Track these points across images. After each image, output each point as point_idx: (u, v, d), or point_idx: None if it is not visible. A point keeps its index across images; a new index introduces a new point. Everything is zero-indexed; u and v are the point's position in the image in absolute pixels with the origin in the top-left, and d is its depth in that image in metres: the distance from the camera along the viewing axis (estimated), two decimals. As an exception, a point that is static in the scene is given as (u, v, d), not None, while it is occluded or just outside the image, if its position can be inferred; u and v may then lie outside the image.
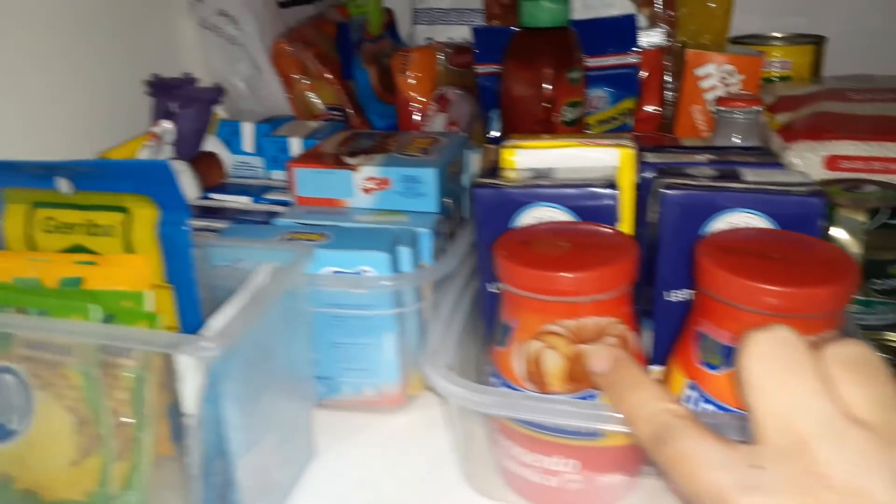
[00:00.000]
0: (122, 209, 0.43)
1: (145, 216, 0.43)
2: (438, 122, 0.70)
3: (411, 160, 0.53)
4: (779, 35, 0.80)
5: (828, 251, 0.36)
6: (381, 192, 0.53)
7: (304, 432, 0.45)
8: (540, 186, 0.43)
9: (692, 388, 0.37)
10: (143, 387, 0.39)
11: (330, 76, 0.72)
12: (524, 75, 0.58)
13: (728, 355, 0.35)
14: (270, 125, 0.63)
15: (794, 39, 0.79)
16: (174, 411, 0.42)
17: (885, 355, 0.48)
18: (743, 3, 0.80)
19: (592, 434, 0.38)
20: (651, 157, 0.48)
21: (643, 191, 0.45)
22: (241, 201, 0.58)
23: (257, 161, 0.63)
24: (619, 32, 0.67)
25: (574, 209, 0.43)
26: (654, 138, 0.62)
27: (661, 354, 0.43)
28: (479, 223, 0.44)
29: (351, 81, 0.74)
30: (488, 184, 0.44)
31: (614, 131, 0.69)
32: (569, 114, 0.59)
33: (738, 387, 0.28)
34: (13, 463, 0.41)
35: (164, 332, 0.37)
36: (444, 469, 0.44)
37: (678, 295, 0.43)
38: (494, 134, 0.67)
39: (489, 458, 0.43)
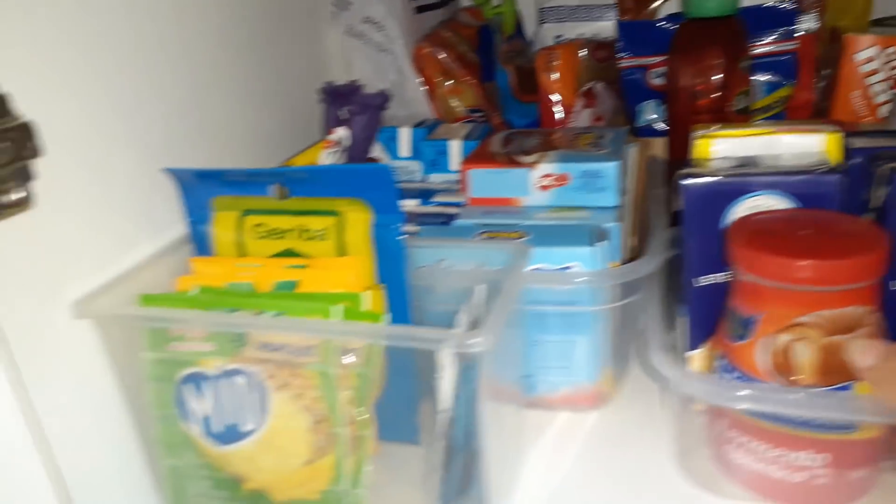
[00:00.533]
0: (333, 213, 0.44)
1: (358, 219, 0.43)
2: (584, 118, 0.69)
3: (589, 155, 0.53)
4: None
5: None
6: (559, 189, 0.52)
7: (519, 430, 0.45)
8: (755, 174, 0.42)
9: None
10: (367, 384, 0.40)
11: (470, 78, 0.72)
12: (694, 66, 0.57)
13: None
14: (427, 129, 0.64)
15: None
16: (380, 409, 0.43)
17: None
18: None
19: (846, 427, 0.36)
20: (858, 143, 0.46)
21: (853, 176, 0.44)
22: (410, 205, 0.58)
23: (415, 165, 0.63)
24: (777, 19, 0.65)
25: (795, 196, 0.42)
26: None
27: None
28: (689, 216, 0.43)
29: (489, 83, 0.74)
30: (696, 174, 0.43)
31: (769, 120, 0.67)
32: (741, 103, 0.57)
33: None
34: (245, 463, 0.41)
35: (426, 329, 0.36)
36: (658, 465, 0.43)
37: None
38: (653, 124, 0.66)
39: (708, 453, 0.42)
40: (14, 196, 0.33)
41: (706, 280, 0.44)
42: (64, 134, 0.38)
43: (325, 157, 0.53)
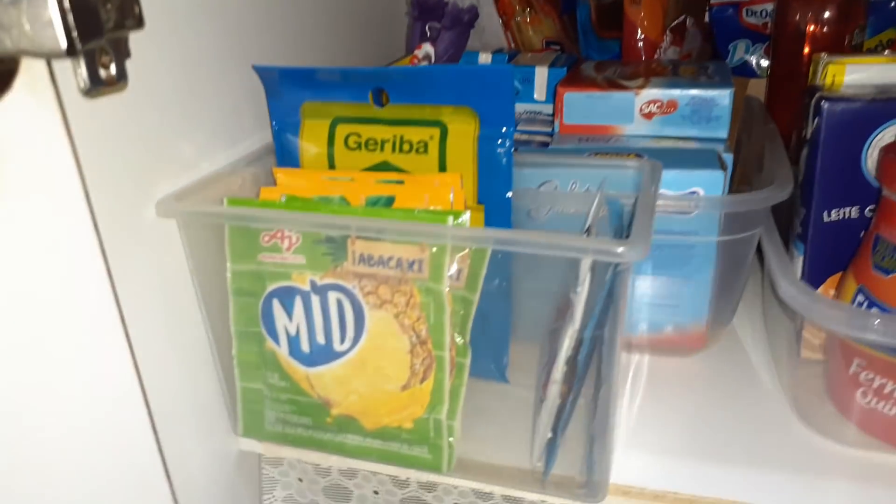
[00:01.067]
0: (437, 123, 0.40)
1: (464, 131, 0.40)
2: (670, 56, 0.65)
3: (699, 83, 0.49)
4: None
5: None
6: (665, 117, 0.48)
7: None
8: (907, 99, 0.38)
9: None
10: (469, 308, 0.37)
11: (549, 9, 0.68)
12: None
13: None
14: (508, 55, 0.60)
15: None
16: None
17: None
18: None
19: None
20: None
21: None
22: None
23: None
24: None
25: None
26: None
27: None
28: (826, 142, 0.40)
29: (568, 16, 0.70)
30: (838, 97, 0.39)
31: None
32: (858, 38, 0.53)
33: None
34: (335, 386, 0.38)
35: (566, 234, 0.33)
36: (773, 411, 0.40)
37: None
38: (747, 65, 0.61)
39: (820, 392, 0.39)
40: (112, 71, 0.30)
41: (836, 214, 0.41)
42: (152, 20, 0.35)
43: (412, 74, 0.49)
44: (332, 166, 0.42)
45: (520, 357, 0.41)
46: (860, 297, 0.36)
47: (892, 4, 0.62)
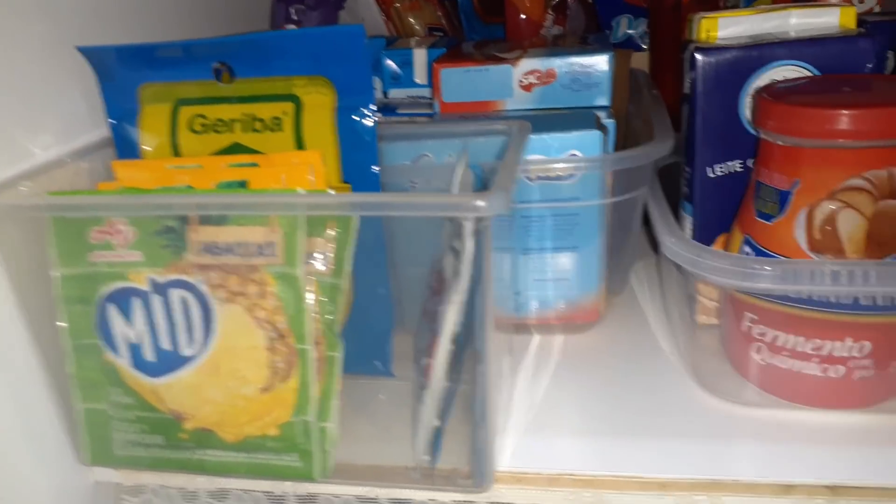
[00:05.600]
0: (290, 97, 0.36)
1: (320, 103, 0.36)
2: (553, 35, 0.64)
3: (577, 49, 0.47)
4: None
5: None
6: (544, 88, 0.46)
7: (506, 350, 0.39)
8: (777, 44, 0.37)
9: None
10: (337, 294, 0.33)
11: (429, -5, 0.65)
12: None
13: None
14: (387, 39, 0.57)
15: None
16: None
17: None
18: None
19: (891, 308, 0.31)
20: (872, 18, 0.42)
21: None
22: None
23: (374, 81, 0.56)
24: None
25: (822, 67, 0.37)
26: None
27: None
28: (702, 93, 0.38)
29: (451, 2, 0.68)
30: (711, 48, 0.38)
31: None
32: (730, 2, 0.52)
33: None
34: (186, 396, 0.34)
35: (435, 194, 0.30)
36: (672, 377, 0.38)
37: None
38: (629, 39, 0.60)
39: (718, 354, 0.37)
40: None
41: (720, 170, 0.39)
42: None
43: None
44: (177, 154, 0.38)
45: (407, 347, 0.38)
46: (746, 248, 0.34)
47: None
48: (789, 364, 0.34)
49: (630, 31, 0.64)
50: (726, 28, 0.41)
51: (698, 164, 0.39)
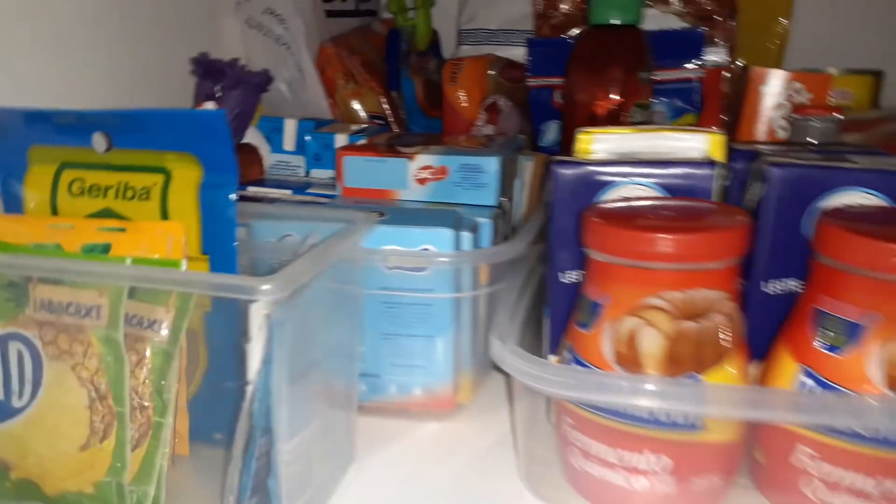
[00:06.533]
0: (161, 170, 0.39)
1: (187, 177, 0.38)
2: (486, 134, 0.66)
3: (470, 150, 0.49)
4: (834, 70, 0.78)
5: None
6: (437, 183, 0.48)
7: (347, 432, 0.39)
8: (629, 163, 0.39)
9: (807, 374, 0.32)
10: (171, 362, 0.34)
11: (374, 84, 0.69)
12: (592, 75, 0.54)
13: (854, 334, 0.30)
14: (315, 123, 0.60)
15: (854, 72, 0.76)
16: (198, 402, 0.38)
17: None
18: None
19: (692, 426, 0.32)
20: (741, 147, 0.44)
21: (735, 179, 0.41)
22: (280, 194, 0.54)
23: (298, 160, 0.59)
24: (684, 46, 0.64)
25: (668, 188, 0.38)
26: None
27: (757, 352, 0.37)
28: (557, 203, 0.40)
29: (395, 92, 0.71)
30: (569, 161, 0.40)
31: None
32: (638, 115, 0.55)
33: None
34: (13, 447, 0.35)
35: (218, 276, 0.32)
36: (500, 476, 0.38)
37: (778, 286, 0.38)
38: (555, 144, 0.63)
39: (555, 460, 0.37)
40: None
41: (570, 276, 0.40)
42: None
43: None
44: (55, 213, 0.40)
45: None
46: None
47: (693, 94, 0.65)
48: (600, 472, 0.34)
49: (557, 137, 0.66)
50: (598, 143, 0.44)
51: (551, 268, 0.40)
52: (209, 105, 0.51)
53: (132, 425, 0.34)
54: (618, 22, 0.54)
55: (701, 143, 0.42)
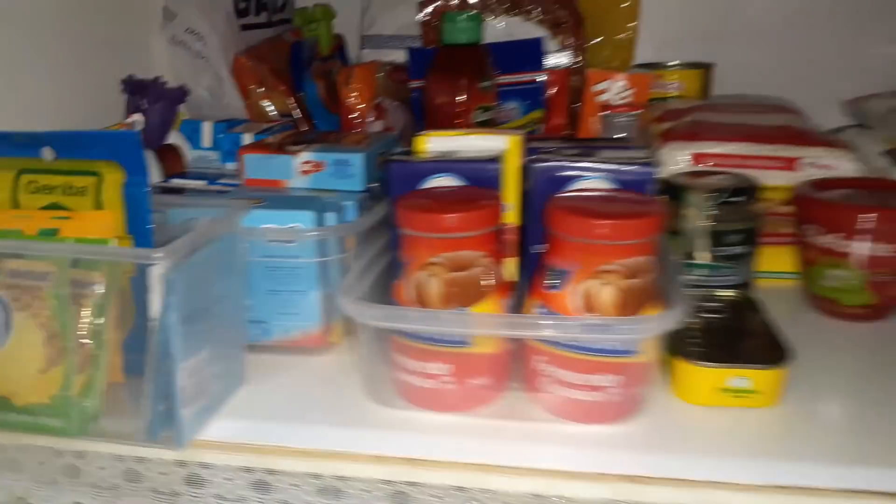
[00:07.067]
0: (94, 173, 0.53)
1: (114, 179, 0.52)
2: (376, 129, 0.81)
3: (343, 147, 0.64)
4: (675, 62, 0.93)
5: (644, 200, 0.47)
6: (317, 174, 0.63)
7: (238, 360, 0.54)
8: (439, 161, 0.54)
9: (539, 306, 0.48)
10: (104, 312, 0.49)
11: (282, 88, 0.83)
12: (444, 84, 0.69)
13: (563, 277, 0.46)
14: (227, 124, 0.73)
15: (687, 65, 0.92)
16: (129, 344, 0.52)
17: (717, 308, 0.59)
18: (650, 35, 0.94)
19: (462, 342, 0.47)
20: (536, 144, 0.59)
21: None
22: (198, 184, 0.68)
23: (214, 155, 0.73)
24: (528, 54, 0.78)
25: (466, 178, 0.53)
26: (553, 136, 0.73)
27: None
28: (393, 190, 0.54)
29: (301, 94, 0.85)
30: (400, 159, 0.55)
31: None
32: (480, 116, 0.70)
33: None
34: (-6, 373, 0.49)
35: (129, 248, 0.46)
36: (352, 390, 0.53)
37: (539, 248, 0.54)
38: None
39: (386, 376, 0.52)
40: None
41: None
42: None
43: (115, 137, 0.62)
44: (16, 206, 0.54)
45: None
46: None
47: (539, 94, 0.80)
48: (410, 379, 0.49)
49: (432, 129, 0.81)
50: (430, 143, 0.58)
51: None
52: (137, 116, 0.64)
53: (76, 357, 0.48)
54: (463, 41, 0.68)
55: (503, 144, 0.57)
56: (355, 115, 0.81)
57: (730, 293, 0.61)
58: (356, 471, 0.48)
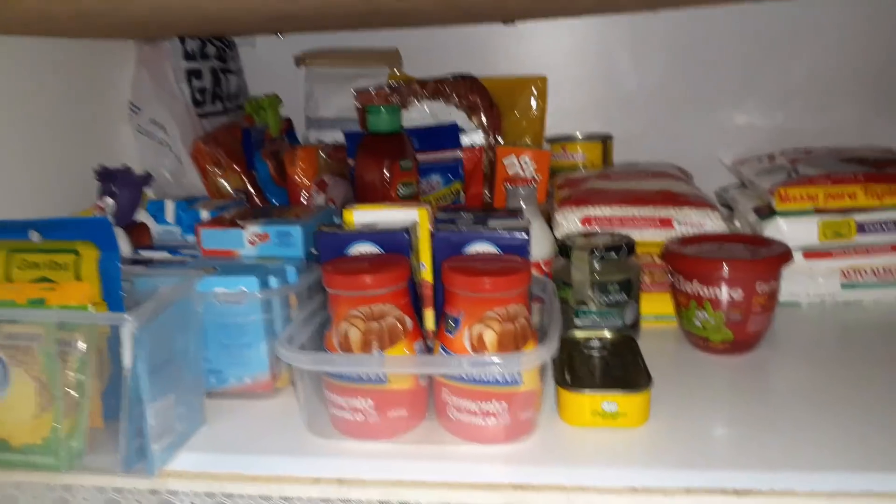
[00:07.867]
0: (74, 251, 0.64)
1: (90, 255, 0.63)
2: (319, 201, 0.93)
3: (286, 220, 0.76)
4: (580, 135, 1.08)
5: (514, 261, 0.60)
6: (263, 244, 0.74)
7: (198, 403, 0.64)
8: (359, 232, 0.66)
9: (442, 347, 0.59)
10: (86, 366, 0.59)
11: (237, 168, 0.95)
12: (370, 165, 0.82)
13: (457, 323, 0.58)
14: (188, 202, 0.85)
15: (589, 138, 1.07)
16: (106, 394, 0.62)
17: (600, 346, 0.71)
18: (560, 112, 1.09)
19: (380, 380, 0.59)
20: (441, 216, 0.71)
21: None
22: (163, 255, 0.79)
23: (176, 229, 0.84)
24: (446, 135, 0.92)
25: (382, 245, 0.66)
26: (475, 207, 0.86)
27: None
28: (322, 256, 0.66)
29: (254, 172, 0.97)
30: (328, 230, 0.67)
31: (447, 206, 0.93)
32: (402, 190, 0.82)
33: None
34: (-8, 421, 0.59)
35: (104, 312, 0.57)
36: (296, 426, 0.64)
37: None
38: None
39: (322, 411, 0.63)
40: None
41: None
42: None
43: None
44: (8, 279, 0.65)
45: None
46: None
47: (458, 169, 0.93)
48: (340, 413, 0.60)
49: (367, 200, 0.93)
50: (357, 216, 0.71)
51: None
52: (108, 199, 0.75)
53: (63, 403, 0.58)
54: (384, 130, 0.82)
55: (415, 216, 0.70)
56: (301, 190, 0.93)
57: (612, 334, 0.73)
58: (299, 491, 0.59)
